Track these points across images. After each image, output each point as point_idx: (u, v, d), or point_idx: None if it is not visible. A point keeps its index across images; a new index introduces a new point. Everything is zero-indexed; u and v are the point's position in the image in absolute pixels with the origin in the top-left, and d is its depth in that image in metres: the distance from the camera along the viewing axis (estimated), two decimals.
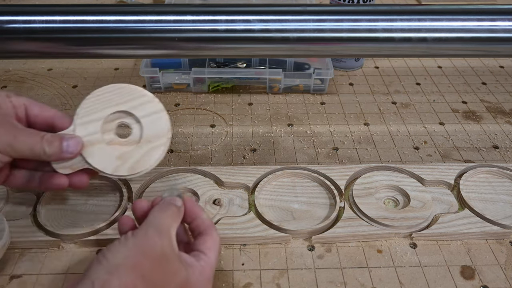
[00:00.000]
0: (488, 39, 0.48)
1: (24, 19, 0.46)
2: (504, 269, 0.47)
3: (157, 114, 0.43)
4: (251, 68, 0.76)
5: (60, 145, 0.39)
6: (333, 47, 0.49)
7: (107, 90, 0.43)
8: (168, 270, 0.34)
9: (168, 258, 0.34)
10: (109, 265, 0.32)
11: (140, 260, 0.33)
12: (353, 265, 0.47)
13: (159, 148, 0.42)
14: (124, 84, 0.43)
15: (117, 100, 0.43)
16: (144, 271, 0.33)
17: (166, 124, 0.43)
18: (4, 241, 0.45)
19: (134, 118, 0.42)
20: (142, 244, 0.34)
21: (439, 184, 0.56)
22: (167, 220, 0.37)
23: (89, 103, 0.42)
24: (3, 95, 0.40)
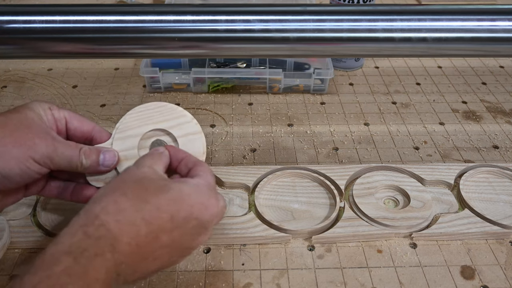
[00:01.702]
0: (488, 39, 0.48)
1: (24, 19, 0.46)
2: (504, 269, 0.47)
3: (194, 135, 0.43)
4: (251, 68, 0.76)
5: (97, 158, 0.40)
6: (333, 47, 0.49)
7: (148, 108, 0.43)
8: (154, 185, 0.34)
9: (152, 179, 0.35)
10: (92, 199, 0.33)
11: (121, 185, 0.34)
12: (353, 265, 0.47)
13: None
14: (165, 103, 0.44)
15: (157, 118, 0.43)
16: (125, 190, 0.33)
17: (201, 146, 0.43)
18: (4, 241, 0.45)
19: (171, 137, 0.43)
20: (122, 177, 0.35)
21: (439, 184, 0.56)
22: (149, 160, 0.38)
23: (129, 119, 0.43)
24: (46, 107, 0.40)
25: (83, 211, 0.32)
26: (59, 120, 0.41)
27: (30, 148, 0.36)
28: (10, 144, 0.35)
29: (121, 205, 0.32)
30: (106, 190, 0.34)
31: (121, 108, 0.72)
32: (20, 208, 0.51)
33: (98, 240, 0.30)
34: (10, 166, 0.35)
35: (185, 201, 0.34)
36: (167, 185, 0.34)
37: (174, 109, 0.44)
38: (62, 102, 0.73)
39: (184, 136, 0.43)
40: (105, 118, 0.69)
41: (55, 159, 0.37)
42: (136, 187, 0.34)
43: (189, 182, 0.36)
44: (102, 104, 0.73)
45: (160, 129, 0.43)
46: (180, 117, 0.43)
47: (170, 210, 0.33)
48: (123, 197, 0.32)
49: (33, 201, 0.52)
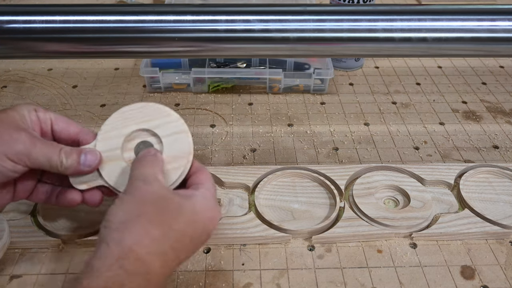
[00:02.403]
0: (488, 39, 0.48)
1: (24, 19, 0.46)
2: (504, 269, 0.47)
3: (179, 135, 0.41)
4: (251, 68, 0.76)
5: (78, 158, 0.39)
6: (333, 47, 0.49)
7: (133, 108, 0.42)
8: (171, 207, 0.35)
9: (166, 198, 0.35)
10: (114, 225, 0.33)
11: (142, 209, 0.34)
12: (353, 265, 0.47)
13: (178, 170, 0.40)
14: (151, 103, 0.42)
15: (141, 118, 0.42)
16: (149, 216, 0.33)
17: (188, 146, 0.41)
18: (4, 241, 0.45)
19: (157, 137, 0.41)
20: (136, 196, 0.35)
21: (439, 184, 0.56)
22: (149, 169, 0.37)
23: (113, 120, 0.42)
24: (31, 108, 0.40)
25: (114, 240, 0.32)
26: (44, 122, 0.41)
27: (4, 144, 0.36)
28: None
29: (152, 236, 0.32)
30: (128, 215, 0.33)
31: None
32: (20, 208, 0.51)
33: (135, 275, 0.31)
34: None
35: (200, 219, 0.36)
36: (181, 204, 0.35)
37: (159, 109, 0.42)
38: (62, 102, 0.73)
39: (169, 135, 0.41)
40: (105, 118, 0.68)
41: (32, 156, 0.37)
42: (158, 211, 0.34)
43: (197, 196, 0.37)
44: (102, 104, 0.73)
45: (145, 129, 0.42)
46: (165, 116, 0.42)
47: (190, 233, 0.35)
48: (150, 226, 0.33)
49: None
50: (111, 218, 0.33)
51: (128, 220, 0.33)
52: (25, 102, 0.38)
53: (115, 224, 0.33)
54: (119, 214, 0.33)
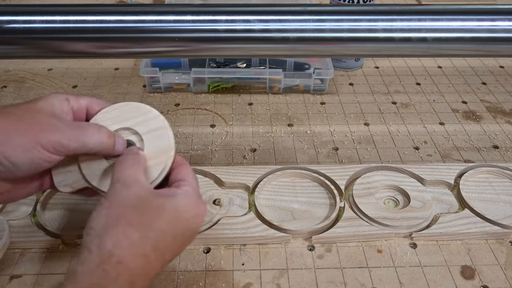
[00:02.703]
0: (488, 39, 0.48)
1: (24, 19, 0.46)
2: (504, 269, 0.47)
3: (159, 131, 0.41)
4: (251, 68, 0.76)
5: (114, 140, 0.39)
6: (333, 47, 0.49)
7: (114, 108, 0.42)
8: (151, 208, 0.34)
9: (145, 199, 0.35)
10: (95, 231, 0.33)
11: (120, 212, 0.33)
12: (353, 265, 0.47)
13: (159, 166, 0.40)
14: (131, 102, 0.42)
15: (123, 116, 0.42)
16: (127, 219, 0.33)
17: (168, 142, 0.40)
18: (4, 241, 0.45)
19: (138, 135, 0.41)
20: (115, 200, 0.34)
21: (439, 184, 0.56)
22: (130, 170, 0.37)
23: (98, 119, 0.42)
24: (62, 98, 0.39)
25: (95, 246, 0.32)
26: (79, 110, 0.41)
27: (36, 134, 0.35)
28: (14, 132, 0.35)
29: (131, 238, 0.32)
30: (107, 219, 0.33)
31: None
32: (20, 208, 0.51)
33: (118, 278, 0.31)
34: (17, 153, 0.34)
35: (182, 217, 0.36)
36: (162, 204, 0.35)
37: (139, 107, 0.42)
38: None
39: (150, 132, 0.41)
40: None
41: (64, 142, 0.36)
42: (137, 213, 0.34)
43: (179, 195, 0.37)
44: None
45: (126, 128, 0.41)
46: (145, 113, 0.41)
47: (172, 232, 0.35)
48: (130, 228, 0.33)
49: (33, 201, 0.52)
50: (92, 225, 0.33)
51: (108, 225, 0.33)
52: None
53: (96, 230, 0.33)
54: (99, 219, 0.33)
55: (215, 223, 0.50)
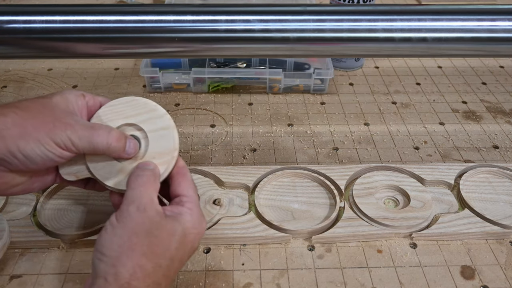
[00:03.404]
0: (488, 39, 0.48)
1: (24, 19, 0.46)
2: (504, 269, 0.47)
3: (165, 131, 0.41)
4: (251, 68, 0.76)
5: (125, 143, 0.39)
6: (333, 47, 0.49)
7: (121, 102, 0.42)
8: (164, 234, 0.35)
9: (158, 225, 0.35)
10: (109, 259, 0.33)
11: (135, 241, 0.34)
12: (353, 265, 0.47)
13: (162, 166, 0.40)
14: (138, 97, 0.42)
15: (128, 112, 0.42)
16: (143, 248, 0.34)
17: (173, 142, 0.40)
18: (4, 241, 0.45)
19: (143, 132, 0.41)
20: (130, 226, 0.35)
21: (439, 184, 0.56)
22: (146, 191, 0.37)
23: (101, 113, 0.42)
24: (78, 93, 0.40)
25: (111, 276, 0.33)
26: (94, 106, 0.41)
27: (50, 130, 0.36)
28: (30, 126, 0.35)
29: (146, 269, 0.34)
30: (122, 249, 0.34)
31: None
32: (20, 208, 0.51)
33: None
34: (30, 147, 0.35)
35: (189, 239, 0.37)
36: (173, 229, 0.36)
37: (146, 104, 0.42)
38: None
39: (155, 131, 0.41)
40: None
41: (75, 141, 0.37)
42: (150, 243, 0.34)
43: (185, 215, 0.37)
44: None
45: (132, 124, 0.41)
46: (152, 111, 0.41)
47: (180, 256, 0.36)
48: (144, 259, 0.34)
49: (33, 201, 0.52)
50: (105, 251, 0.34)
51: (122, 254, 0.33)
52: None
53: (110, 258, 0.33)
54: (112, 247, 0.34)
55: (215, 223, 0.50)
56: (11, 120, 0.35)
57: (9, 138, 0.35)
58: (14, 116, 0.35)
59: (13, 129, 0.35)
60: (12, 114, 0.36)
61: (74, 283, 0.45)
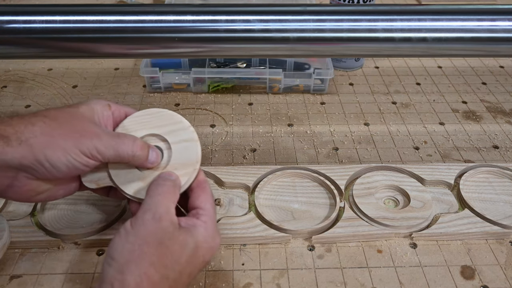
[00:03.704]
0: (488, 39, 0.48)
1: (24, 19, 0.46)
2: (504, 269, 0.47)
3: (188, 143, 0.42)
4: (251, 68, 0.76)
5: (147, 153, 0.40)
6: (333, 47, 0.49)
7: (147, 113, 0.43)
8: (175, 247, 0.35)
9: (171, 236, 0.35)
10: (118, 265, 0.33)
11: (145, 250, 0.34)
12: (353, 265, 0.47)
13: (183, 178, 0.40)
14: (164, 110, 0.43)
15: (154, 123, 0.43)
16: (152, 258, 0.34)
17: (195, 154, 0.41)
18: (4, 241, 0.45)
19: (167, 143, 0.42)
20: (142, 234, 0.35)
21: (439, 184, 0.56)
22: (163, 200, 0.37)
23: (128, 123, 0.43)
24: (104, 103, 0.41)
25: (117, 282, 0.33)
26: (119, 117, 0.42)
27: (77, 140, 0.36)
28: (58, 136, 0.36)
29: (153, 279, 0.34)
30: (131, 256, 0.34)
31: None
32: (20, 208, 0.51)
33: None
34: (57, 156, 0.36)
35: (200, 254, 0.37)
36: (185, 241, 0.36)
37: (172, 116, 0.43)
38: (62, 102, 0.73)
39: (179, 143, 0.42)
40: None
41: (101, 150, 0.37)
42: (160, 254, 0.34)
43: (199, 228, 0.37)
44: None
45: (156, 135, 0.42)
46: (177, 123, 0.43)
47: (189, 270, 0.36)
48: (152, 269, 0.34)
49: None
50: (115, 256, 0.34)
51: (131, 261, 0.34)
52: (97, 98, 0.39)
53: (119, 264, 0.34)
54: (123, 253, 0.34)
55: None
56: (39, 129, 0.36)
57: (36, 146, 0.35)
58: (42, 125, 0.36)
59: (41, 138, 0.36)
60: (40, 123, 0.36)
61: (74, 283, 0.45)
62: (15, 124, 0.36)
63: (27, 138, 0.35)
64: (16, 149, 0.35)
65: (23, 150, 0.35)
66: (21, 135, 0.35)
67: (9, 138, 0.35)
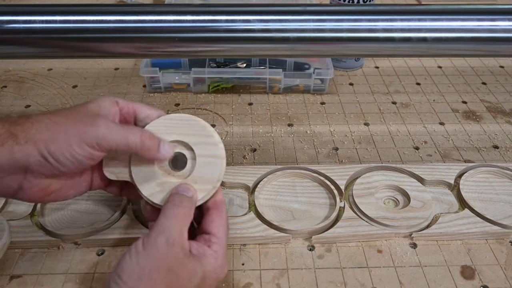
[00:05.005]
0: (488, 39, 0.48)
1: (24, 19, 0.46)
2: (504, 269, 0.47)
3: (214, 159, 0.41)
4: (251, 68, 0.76)
5: (158, 143, 0.39)
6: (333, 47, 0.49)
7: (180, 118, 0.42)
8: (184, 275, 0.35)
9: (181, 264, 0.35)
10: (126, 286, 0.33)
11: (155, 276, 0.34)
12: (353, 265, 0.47)
13: (201, 193, 0.40)
14: (199, 119, 0.42)
15: (185, 130, 0.42)
16: (161, 286, 0.34)
17: (218, 173, 0.41)
18: (4, 241, 0.45)
19: (193, 153, 0.42)
20: (153, 258, 0.35)
21: (439, 184, 0.56)
22: (178, 223, 0.37)
23: (159, 123, 0.42)
24: (112, 100, 0.41)
25: None
26: (127, 113, 0.42)
27: (82, 131, 0.36)
28: (62, 130, 0.36)
29: None
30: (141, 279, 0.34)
31: None
32: (20, 208, 0.51)
33: None
34: (60, 150, 0.36)
35: (206, 283, 0.37)
36: (195, 269, 0.36)
37: (204, 127, 0.42)
38: (62, 102, 0.73)
39: (205, 157, 0.41)
40: None
41: (108, 137, 0.37)
42: (169, 280, 0.34)
43: (209, 258, 0.37)
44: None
45: (183, 143, 0.42)
46: (208, 136, 0.42)
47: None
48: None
49: None
50: (123, 277, 0.34)
51: (140, 286, 0.33)
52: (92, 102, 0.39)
53: (126, 285, 0.33)
54: (132, 275, 0.34)
55: None
56: (44, 126, 0.36)
57: (40, 141, 0.35)
58: (48, 121, 0.36)
59: (45, 133, 0.36)
60: (46, 120, 0.36)
61: (74, 283, 0.45)
62: (23, 123, 0.36)
63: (33, 134, 0.35)
64: (23, 147, 0.35)
65: (29, 148, 0.35)
66: (28, 133, 0.35)
67: (17, 136, 0.35)
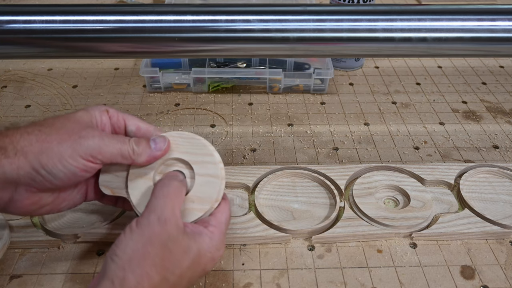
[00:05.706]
0: (488, 39, 0.48)
1: (24, 19, 0.46)
2: (504, 269, 0.47)
3: (213, 178, 0.41)
4: (251, 68, 0.76)
5: (147, 143, 0.40)
6: (333, 47, 0.49)
7: (182, 136, 0.42)
8: (178, 250, 0.35)
9: (175, 240, 0.35)
10: (121, 261, 0.34)
11: (148, 250, 0.34)
12: (353, 265, 0.47)
13: (198, 212, 0.40)
14: (199, 137, 0.42)
15: (185, 148, 0.42)
16: (154, 259, 0.34)
17: (217, 193, 0.40)
18: (4, 241, 0.45)
19: (192, 172, 0.41)
20: (147, 234, 0.35)
21: (439, 184, 0.56)
22: (169, 202, 0.37)
23: None
24: (102, 109, 0.41)
25: (118, 279, 0.33)
26: (116, 123, 0.41)
27: (74, 142, 0.36)
28: (55, 141, 0.36)
29: (153, 280, 0.34)
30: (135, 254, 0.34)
31: (121, 108, 0.72)
32: None
33: None
34: (53, 162, 0.35)
35: (201, 261, 0.37)
36: (188, 247, 0.36)
37: (205, 146, 0.42)
38: (62, 102, 0.73)
39: (204, 176, 0.41)
40: None
41: (103, 150, 0.37)
42: (162, 256, 0.35)
43: (204, 237, 0.37)
44: (102, 104, 0.73)
45: (183, 160, 0.41)
46: (208, 155, 0.41)
47: (189, 275, 0.36)
48: (154, 270, 0.34)
49: None
50: (119, 253, 0.34)
51: (133, 259, 0.34)
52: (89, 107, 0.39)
53: (122, 260, 0.34)
54: (126, 250, 0.34)
55: None
56: (34, 137, 0.36)
57: (31, 154, 0.35)
58: (37, 133, 0.36)
59: (36, 145, 0.35)
60: (36, 131, 0.36)
61: (74, 283, 0.45)
62: (11, 135, 0.35)
63: (22, 147, 0.35)
64: (13, 159, 0.34)
65: (19, 160, 0.35)
66: (16, 145, 0.35)
67: (6, 149, 0.35)
